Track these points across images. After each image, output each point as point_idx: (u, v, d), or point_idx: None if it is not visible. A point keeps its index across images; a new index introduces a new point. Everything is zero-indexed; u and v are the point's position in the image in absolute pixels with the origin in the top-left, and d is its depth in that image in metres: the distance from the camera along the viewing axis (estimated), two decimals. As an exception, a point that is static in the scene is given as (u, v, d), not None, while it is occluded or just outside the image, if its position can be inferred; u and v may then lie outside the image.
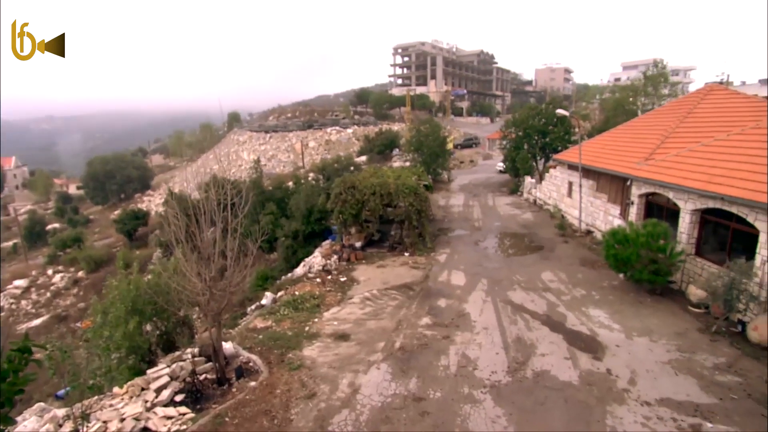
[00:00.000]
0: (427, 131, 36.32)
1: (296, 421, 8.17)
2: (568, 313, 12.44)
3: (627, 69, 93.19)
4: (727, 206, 11.71)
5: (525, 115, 34.23)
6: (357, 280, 16.01)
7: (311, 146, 68.81)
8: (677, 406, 8.26)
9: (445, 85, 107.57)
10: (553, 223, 23.64)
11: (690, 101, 19.50)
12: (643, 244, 12.40)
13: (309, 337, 11.62)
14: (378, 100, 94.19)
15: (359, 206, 19.05)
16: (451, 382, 9.30)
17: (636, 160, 16.94)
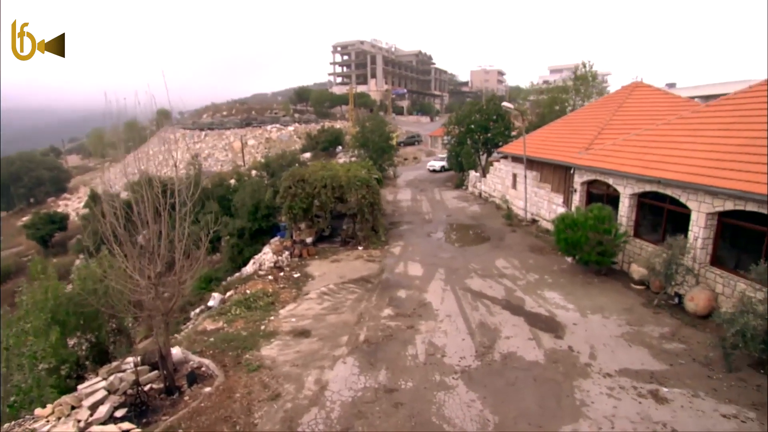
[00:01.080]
0: (372, 127, 36.12)
1: (261, 425, 7.49)
2: (526, 297, 12.75)
3: (554, 72, 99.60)
4: (663, 189, 12.62)
5: (467, 112, 35.14)
6: (312, 276, 15.35)
7: (251, 144, 66.04)
8: (635, 375, 8.66)
9: (385, 84, 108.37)
10: (500, 214, 24.42)
11: (619, 96, 21.02)
12: (591, 227, 13.03)
13: (266, 336, 10.85)
14: (319, 98, 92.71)
15: (310, 200, 18.34)
16: (421, 371, 9.06)
17: (577, 150, 17.89)
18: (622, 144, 15.68)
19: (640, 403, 7.80)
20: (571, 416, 7.50)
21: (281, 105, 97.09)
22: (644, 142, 14.80)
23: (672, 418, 7.35)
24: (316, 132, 56.33)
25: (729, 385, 8.25)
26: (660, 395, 7.98)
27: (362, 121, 38.65)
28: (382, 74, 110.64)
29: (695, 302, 10.98)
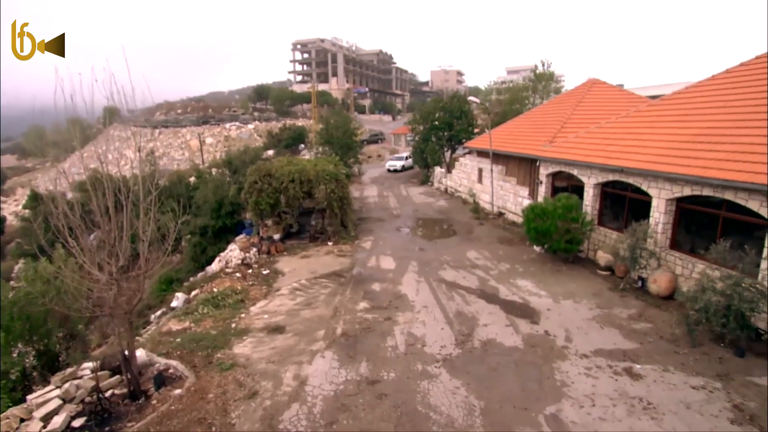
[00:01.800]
0: (336, 123, 35.66)
1: (239, 425, 7.06)
2: (499, 286, 12.90)
3: (511, 73, 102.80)
4: (625, 177, 13.15)
5: (431, 109, 35.43)
6: (282, 272, 14.84)
7: (209, 143, 63.53)
8: (609, 354, 8.92)
9: (346, 83, 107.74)
10: (467, 208, 24.76)
11: (578, 93, 21.86)
12: (559, 215, 13.38)
13: (238, 333, 10.33)
14: (279, 96, 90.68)
15: (277, 195, 17.76)
16: (402, 361, 8.91)
17: (541, 144, 18.39)
18: (585, 136, 16.26)
19: (616, 380, 8.02)
20: (553, 397, 7.59)
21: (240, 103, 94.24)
22: (605, 134, 15.41)
23: (647, 393, 7.60)
24: (277, 130, 54.96)
25: (695, 359, 8.66)
26: (634, 372, 8.25)
27: (326, 118, 38.05)
28: (343, 73, 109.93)
29: (658, 284, 11.50)
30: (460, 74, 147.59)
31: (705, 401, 7.36)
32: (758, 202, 9.37)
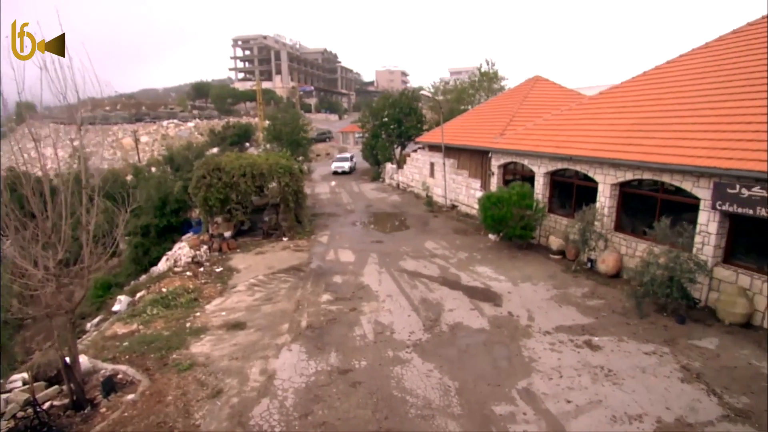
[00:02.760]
0: (285, 119, 34.72)
1: (205, 425, 6.54)
2: (460, 273, 13.12)
3: (454, 74, 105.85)
4: (573, 165, 13.90)
5: (381, 105, 35.52)
6: (236, 269, 14.11)
7: (144, 141, 59.46)
8: (569, 330, 9.33)
9: (291, 81, 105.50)
10: (420, 202, 25.08)
11: (523, 89, 22.87)
12: (515, 202, 13.87)
13: (194, 332, 9.64)
14: (220, 93, 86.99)
15: (227, 190, 16.88)
16: (372, 349, 8.75)
17: (492, 136, 18.99)
18: (533, 128, 17.00)
19: (579, 352, 8.39)
20: (523, 372, 7.78)
21: (177, 100, 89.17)
22: (553, 126, 16.21)
23: (606, 362, 8.02)
24: (221, 128, 52.52)
25: (644, 328, 9.29)
26: (593, 344, 8.69)
27: (275, 113, 36.91)
28: (287, 71, 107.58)
29: (606, 264, 12.25)
30: (404, 74, 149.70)
31: (657, 364, 7.89)
32: (691, 182, 10.24)
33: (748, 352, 8.24)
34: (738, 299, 9.18)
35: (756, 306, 9.13)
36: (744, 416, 6.47)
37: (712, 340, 8.73)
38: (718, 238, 9.83)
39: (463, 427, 6.37)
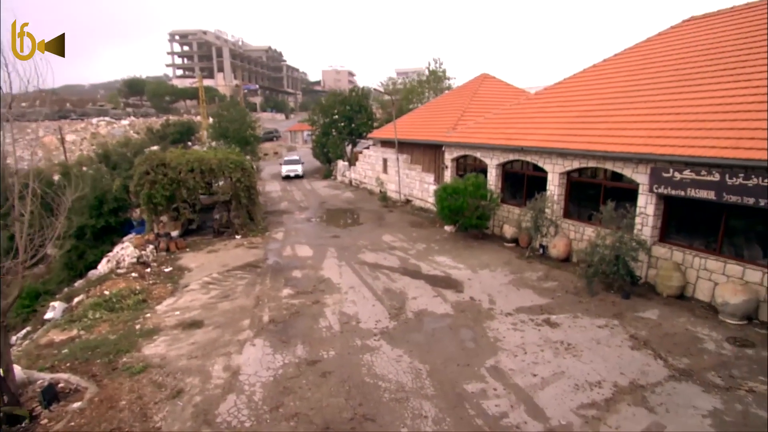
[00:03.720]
0: (232, 116, 33.36)
1: (167, 426, 6.09)
2: (420, 263, 13.27)
3: (400, 74, 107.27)
4: (524, 156, 14.53)
5: (331, 103, 35.20)
6: (188, 268, 13.32)
7: (70, 140, 54.60)
8: (529, 310, 9.73)
9: (234, 79, 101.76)
10: (375, 198, 25.12)
11: (472, 86, 23.63)
12: (470, 193, 14.25)
13: (146, 334, 8.96)
14: (157, 90, 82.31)
15: (174, 186, 15.91)
16: (339, 339, 8.60)
17: (444, 131, 19.42)
18: (484, 122, 17.59)
19: (539, 330, 8.77)
20: (490, 351, 8.00)
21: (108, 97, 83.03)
22: (503, 120, 16.85)
23: (565, 336, 8.45)
24: (159, 126, 49.47)
25: (595, 305, 9.89)
26: (552, 321, 9.12)
27: (221, 109, 35.34)
28: (230, 68, 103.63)
29: (557, 249, 12.92)
30: (351, 74, 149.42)
31: (609, 336, 8.43)
32: (630, 168, 11.06)
33: (684, 320, 9.03)
34: (673, 274, 10.04)
35: (688, 279, 10.03)
36: (686, 375, 7.09)
37: (654, 311, 9.48)
38: (655, 219, 10.70)
39: (438, 407, 6.42)
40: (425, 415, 6.24)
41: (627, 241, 10.13)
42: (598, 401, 6.49)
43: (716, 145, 9.30)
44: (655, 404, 6.38)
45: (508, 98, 20.59)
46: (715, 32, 13.28)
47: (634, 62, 14.52)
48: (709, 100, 10.68)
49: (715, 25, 13.70)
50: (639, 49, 15.23)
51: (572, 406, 6.40)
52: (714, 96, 10.71)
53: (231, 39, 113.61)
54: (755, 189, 8.54)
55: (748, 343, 8.05)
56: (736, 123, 9.51)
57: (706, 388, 6.73)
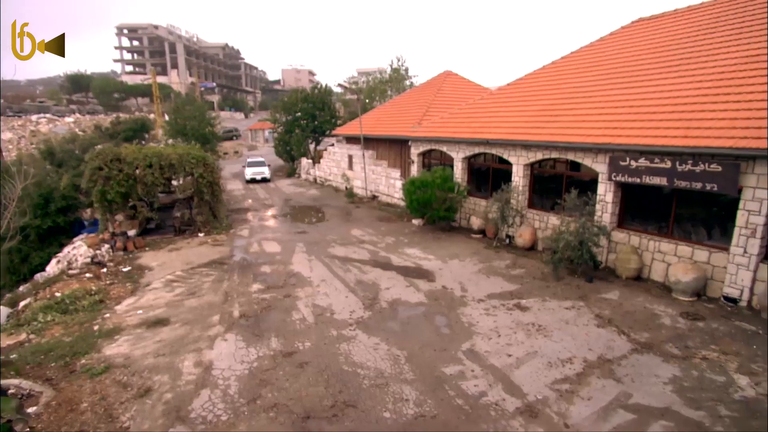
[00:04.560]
0: (191, 112, 32.07)
1: (136, 425, 5.75)
2: (390, 255, 13.30)
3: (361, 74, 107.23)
4: (489, 149, 14.90)
5: (294, 100, 34.61)
6: (148, 267, 12.67)
7: (6, 138, 50.59)
8: (499, 296, 9.98)
9: (190, 77, 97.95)
10: (341, 194, 24.96)
11: (436, 82, 23.99)
12: (438, 185, 14.45)
13: (106, 335, 8.43)
14: (104, 87, 77.91)
15: (131, 182, 15.09)
16: (315, 330, 8.47)
17: (410, 126, 19.58)
18: (449, 117, 17.89)
19: (511, 314, 9.01)
20: (465, 336, 8.13)
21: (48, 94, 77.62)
22: (468, 114, 17.20)
23: (536, 319, 8.73)
24: (109, 124, 46.73)
25: (561, 289, 10.29)
26: (522, 306, 9.39)
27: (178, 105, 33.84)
28: (184, 65, 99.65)
29: (523, 238, 13.34)
30: (312, 74, 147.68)
31: (576, 316, 8.80)
32: (591, 158, 11.61)
33: (642, 299, 9.58)
34: (631, 257, 10.63)
35: (645, 261, 10.65)
36: (647, 347, 7.52)
37: (615, 292, 9.99)
38: (614, 206, 11.28)
39: (418, 390, 6.45)
40: (406, 399, 6.25)
41: (589, 227, 10.62)
42: (570, 376, 6.75)
43: (667, 134, 9.93)
44: (622, 375, 6.72)
45: (471, 95, 21.06)
46: (661, 32, 14.17)
47: (590, 60, 15.25)
48: (659, 93, 11.38)
49: (661, 26, 14.63)
50: (593, 48, 16.02)
51: (547, 381, 6.62)
52: (663, 90, 11.43)
53: (185, 35, 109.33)
54: (702, 174, 9.19)
55: (699, 316, 8.65)
56: (684, 114, 10.20)
57: (665, 359, 7.17)
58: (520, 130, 13.77)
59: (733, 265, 9.05)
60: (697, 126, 9.61)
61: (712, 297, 9.50)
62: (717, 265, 9.36)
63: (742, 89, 9.80)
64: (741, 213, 8.85)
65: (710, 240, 9.89)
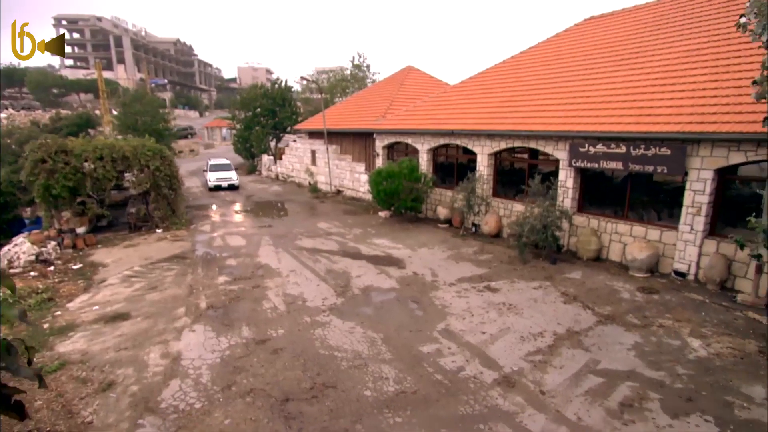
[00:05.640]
0: (143, 107, 30.43)
1: (101, 419, 5.37)
2: (359, 246, 13.24)
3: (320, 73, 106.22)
4: (454, 140, 15.17)
5: (253, 96, 33.68)
6: (102, 264, 11.88)
7: (-72, 136, 45.84)
8: (469, 280, 10.18)
9: (138, 72, 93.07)
10: (304, 190, 24.59)
11: (399, 77, 24.14)
12: (405, 175, 14.54)
13: (59, 332, 7.82)
14: (41, 81, 72.36)
15: (79, 176, 14.11)
16: (287, 318, 8.27)
17: (374, 119, 19.58)
18: (414, 110, 18.06)
19: (482, 295, 9.22)
20: (439, 317, 8.22)
21: (-24, 88, 71.00)
22: (432, 107, 17.44)
23: (506, 299, 8.98)
24: (48, 120, 43.48)
25: (528, 271, 10.65)
26: (492, 287, 9.63)
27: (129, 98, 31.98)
28: (132, 60, 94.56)
29: (489, 226, 13.68)
30: (269, 72, 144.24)
31: (544, 295, 9.14)
32: (552, 146, 12.09)
33: (603, 277, 10.10)
34: (591, 238, 11.17)
35: (603, 243, 11.22)
36: (610, 319, 7.94)
37: (578, 272, 10.46)
38: (574, 192, 11.80)
39: (397, 369, 6.45)
40: (386, 377, 6.23)
41: (553, 211, 11.05)
42: (542, 348, 6.99)
43: (621, 121, 10.52)
44: (590, 345, 7.04)
45: (433, 89, 21.39)
46: (611, 30, 15.00)
47: (547, 55, 15.89)
48: (612, 85, 12.04)
49: (611, 23, 15.49)
50: (549, 43, 16.71)
51: (521, 354, 6.81)
52: (616, 81, 12.10)
53: (132, 28, 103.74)
54: (653, 158, 9.80)
55: (653, 290, 9.23)
56: (636, 103, 10.84)
57: (627, 328, 7.60)
58: (483, 120, 14.12)
59: (681, 242, 9.72)
60: (648, 113, 10.24)
61: (664, 273, 10.16)
62: (668, 243, 10.02)
63: (686, 80, 10.55)
64: (688, 193, 9.52)
65: (660, 221, 10.57)
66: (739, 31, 7.05)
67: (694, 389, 5.84)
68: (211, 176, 25.66)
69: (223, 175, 25.73)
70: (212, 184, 25.24)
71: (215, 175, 25.69)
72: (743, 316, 7.98)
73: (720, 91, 9.59)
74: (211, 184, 25.29)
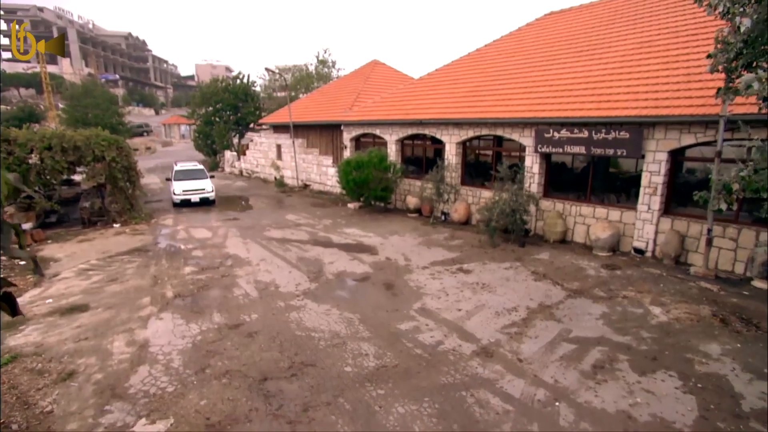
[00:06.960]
0: (92, 102, 28.74)
1: (62, 408, 5.00)
2: (330, 235, 13.10)
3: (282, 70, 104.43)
4: (422, 129, 15.29)
5: (213, 90, 32.57)
6: (54, 258, 11.12)
7: None
8: (442, 263, 10.29)
9: (86, 67, 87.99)
10: (270, 185, 24.08)
11: (365, 70, 24.11)
12: (375, 165, 14.51)
13: (8, 326, 7.22)
14: (-24, 75, 66.73)
15: (24, 168, 13.13)
16: (261, 303, 8.05)
17: (341, 112, 19.44)
18: (381, 101, 18.07)
19: (456, 276, 9.34)
20: (415, 297, 8.26)
21: None
22: (399, 98, 17.50)
23: (479, 279, 9.15)
24: (-15, 114, 40.26)
25: (498, 254, 10.89)
26: (464, 269, 9.78)
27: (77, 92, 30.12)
28: (78, 54, 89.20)
29: (458, 213, 13.89)
30: (229, 70, 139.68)
31: (515, 274, 9.38)
32: (518, 133, 12.43)
33: (569, 257, 10.48)
34: (557, 221, 11.57)
35: (568, 225, 11.66)
36: (579, 293, 8.26)
37: (546, 253, 10.81)
38: (540, 177, 12.19)
39: (377, 345, 6.41)
40: (366, 354, 6.18)
41: (521, 195, 11.35)
42: (517, 321, 7.16)
43: (583, 107, 10.96)
44: (561, 316, 7.28)
45: (399, 83, 21.50)
46: (570, 24, 15.63)
47: (510, 47, 16.34)
48: (574, 74, 12.53)
49: (570, 18, 16.13)
50: (512, 37, 17.18)
51: (497, 327, 6.95)
52: (576, 71, 12.60)
53: (78, 20, 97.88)
54: (614, 141, 10.28)
55: (616, 267, 9.69)
56: (596, 90, 11.33)
57: (594, 300, 7.92)
58: (451, 109, 14.33)
59: (640, 221, 10.25)
60: (607, 99, 10.74)
61: (624, 251, 10.68)
62: (627, 222, 10.55)
63: (641, 68, 11.14)
64: (645, 174, 10.06)
65: (620, 203, 11.11)
66: (695, 5, 7.47)
67: (657, 350, 6.16)
68: (176, 187, 18.63)
69: (192, 185, 18.68)
70: (178, 198, 18.31)
71: (182, 185, 18.64)
72: (696, 286, 8.51)
73: (671, 78, 10.19)
74: (176, 198, 18.34)
